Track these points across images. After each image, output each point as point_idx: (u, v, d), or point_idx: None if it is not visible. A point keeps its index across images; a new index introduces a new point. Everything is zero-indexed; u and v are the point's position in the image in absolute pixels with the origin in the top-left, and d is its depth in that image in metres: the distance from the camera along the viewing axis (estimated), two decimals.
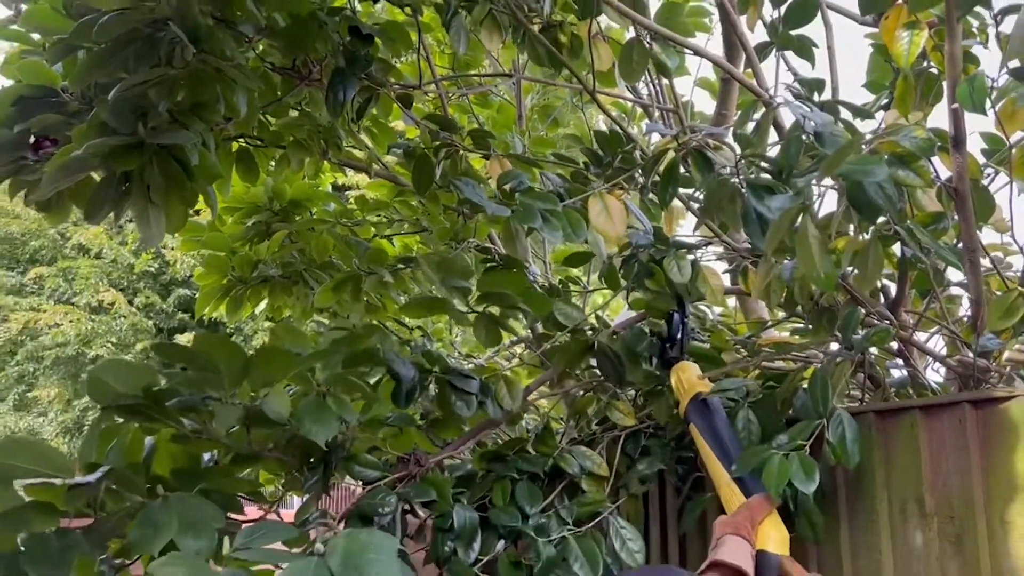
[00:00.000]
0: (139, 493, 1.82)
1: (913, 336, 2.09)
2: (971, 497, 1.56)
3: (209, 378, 1.80)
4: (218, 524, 1.78)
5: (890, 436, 1.75)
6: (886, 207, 1.50)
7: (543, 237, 1.85)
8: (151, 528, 1.70)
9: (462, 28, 2.34)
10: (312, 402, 1.90)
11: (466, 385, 2.15)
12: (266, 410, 1.91)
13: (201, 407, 1.85)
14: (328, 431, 1.84)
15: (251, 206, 3.61)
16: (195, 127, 2.18)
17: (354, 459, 2.06)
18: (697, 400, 2.00)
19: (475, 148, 2.61)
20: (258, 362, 1.82)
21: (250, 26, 2.25)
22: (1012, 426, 1.49)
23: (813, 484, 1.65)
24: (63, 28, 2.22)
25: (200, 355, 1.76)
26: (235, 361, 1.79)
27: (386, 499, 1.91)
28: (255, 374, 1.84)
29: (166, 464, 2.04)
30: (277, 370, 1.87)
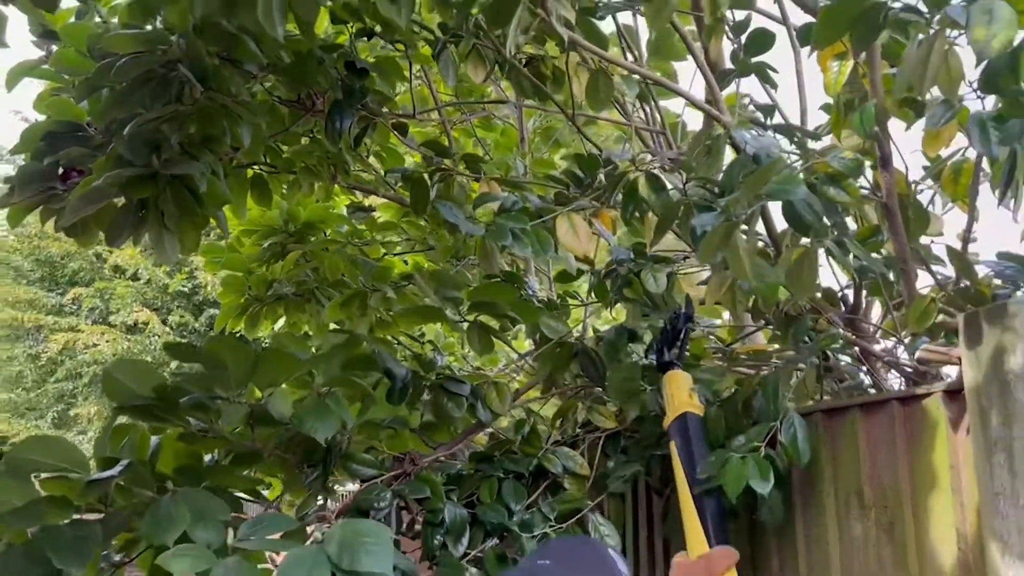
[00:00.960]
0: (149, 488, 2.00)
1: (874, 340, 2.22)
2: (900, 488, 1.69)
3: (218, 377, 1.98)
4: (225, 517, 1.96)
5: (836, 434, 1.89)
6: (814, 223, 1.65)
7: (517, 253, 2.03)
8: (165, 520, 1.88)
9: (450, 62, 2.52)
10: (313, 402, 2.08)
11: (458, 389, 2.32)
12: (270, 409, 2.09)
13: (209, 405, 2.03)
14: (328, 429, 2.01)
15: (267, 228, 3.82)
16: (204, 158, 2.39)
17: (352, 458, 2.23)
18: (681, 419, 2.03)
19: (468, 172, 2.79)
20: (264, 363, 2.00)
21: (255, 65, 2.45)
22: (931, 421, 1.63)
23: (768, 484, 1.78)
24: (88, 69, 2.44)
25: (210, 355, 1.94)
26: (243, 361, 1.96)
27: (381, 494, 2.07)
28: (261, 374, 2.01)
29: (170, 462, 2.23)
30: (282, 371, 2.04)
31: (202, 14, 2.26)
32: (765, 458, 1.83)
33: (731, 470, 1.77)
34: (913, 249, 1.90)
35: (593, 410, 2.41)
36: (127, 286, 12.51)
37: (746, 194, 1.52)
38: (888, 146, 1.70)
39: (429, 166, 2.79)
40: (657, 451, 2.37)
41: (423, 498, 2.17)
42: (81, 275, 13.48)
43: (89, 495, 1.93)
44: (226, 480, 2.23)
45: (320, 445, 2.19)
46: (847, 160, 1.69)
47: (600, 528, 2.17)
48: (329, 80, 2.58)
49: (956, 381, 1.57)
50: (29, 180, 2.61)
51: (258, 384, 2.02)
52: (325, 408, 2.02)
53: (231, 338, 1.99)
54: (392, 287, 3.24)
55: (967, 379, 1.50)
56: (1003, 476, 1.40)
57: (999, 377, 1.42)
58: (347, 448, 2.31)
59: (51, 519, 1.89)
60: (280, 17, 1.87)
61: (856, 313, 2.21)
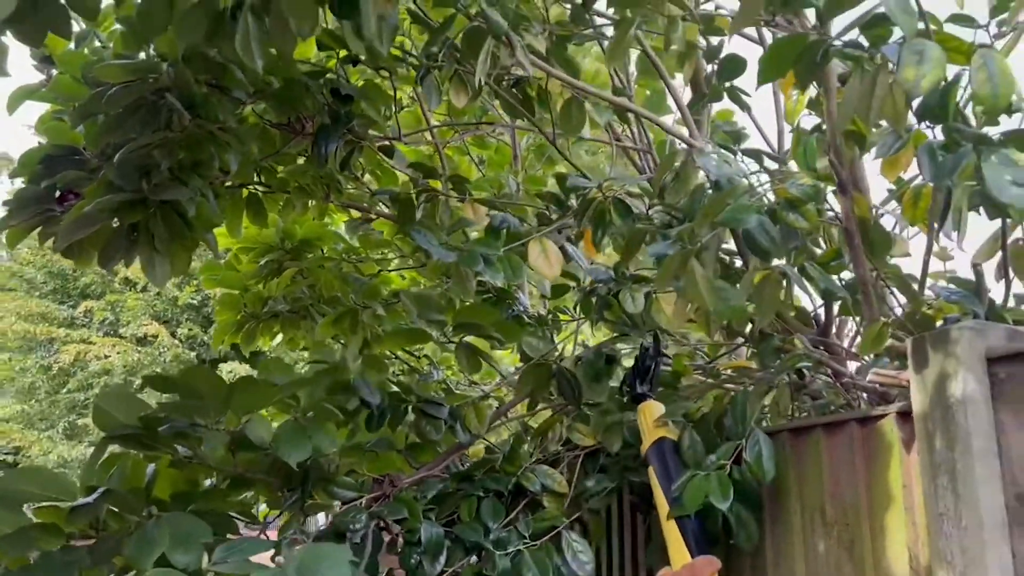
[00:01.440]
0: (135, 513, 2.06)
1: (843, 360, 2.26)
2: (859, 506, 1.73)
3: (195, 407, 2.06)
4: (206, 540, 2.02)
5: (801, 453, 1.93)
6: (770, 248, 1.70)
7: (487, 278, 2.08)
8: (146, 544, 1.94)
9: (432, 87, 2.59)
10: (289, 427, 2.14)
11: (436, 411, 2.38)
12: (249, 435, 2.16)
13: (190, 433, 2.10)
14: (302, 454, 2.07)
15: (264, 246, 3.89)
16: (194, 183, 2.46)
17: (332, 481, 2.29)
18: (656, 445, 2.11)
19: (454, 192, 2.85)
20: (239, 392, 2.07)
21: (243, 91, 2.52)
22: (885, 442, 1.67)
23: (727, 501, 1.83)
24: (83, 95, 2.52)
25: (185, 386, 2.02)
26: (217, 391, 2.04)
27: (357, 516, 2.13)
28: (237, 402, 2.08)
29: (167, 488, 2.29)
30: (257, 399, 2.11)
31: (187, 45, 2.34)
32: (729, 476, 1.88)
33: (692, 487, 1.82)
34: (884, 271, 1.94)
35: (573, 428, 2.45)
36: (137, 298, 12.64)
37: (701, 222, 1.57)
38: (845, 172, 1.74)
39: (416, 186, 2.85)
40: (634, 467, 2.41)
41: (401, 519, 2.22)
42: (93, 288, 13.62)
43: (75, 522, 1.99)
44: (217, 504, 2.29)
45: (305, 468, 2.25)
46: (805, 187, 1.74)
47: (574, 545, 2.21)
48: (316, 105, 2.65)
49: (908, 404, 1.61)
50: (27, 203, 2.69)
51: (236, 411, 2.08)
52: (300, 434, 2.08)
53: (204, 369, 2.06)
54: (383, 304, 3.30)
55: (915, 402, 1.54)
56: (947, 497, 1.44)
57: (942, 402, 1.46)
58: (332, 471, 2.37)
59: (43, 545, 1.96)
60: (258, 49, 1.93)
61: (826, 333, 2.25)
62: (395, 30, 2.35)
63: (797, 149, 1.71)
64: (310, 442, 2.10)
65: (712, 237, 1.65)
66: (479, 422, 2.42)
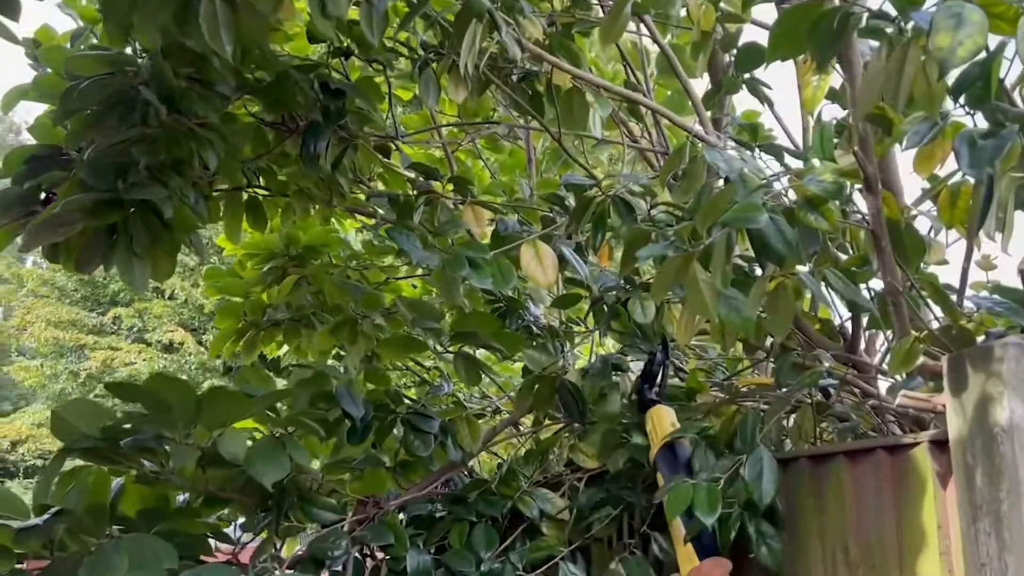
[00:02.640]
0: (92, 535, 1.91)
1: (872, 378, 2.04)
2: (886, 546, 1.52)
3: (162, 418, 1.89)
4: (170, 564, 1.86)
5: (822, 482, 1.72)
6: (786, 253, 1.50)
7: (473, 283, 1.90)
8: (101, 568, 1.79)
9: (431, 80, 2.42)
10: (265, 443, 1.97)
11: (425, 425, 2.20)
12: (221, 451, 1.99)
13: (156, 447, 1.94)
14: (277, 472, 1.90)
15: (268, 252, 3.75)
16: (173, 182, 2.31)
17: (312, 501, 2.12)
18: (666, 448, 1.98)
19: (456, 194, 2.67)
20: (209, 403, 1.90)
21: (226, 85, 2.37)
22: (918, 474, 1.45)
23: (713, 515, 1.63)
24: None
25: (152, 395, 1.85)
26: (187, 401, 1.87)
27: (337, 541, 1.95)
28: (208, 415, 1.92)
29: (135, 505, 2.13)
30: (229, 411, 1.94)
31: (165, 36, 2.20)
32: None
33: (675, 493, 1.62)
34: (917, 279, 1.72)
35: (575, 448, 2.26)
36: (164, 306, 12.67)
37: (702, 222, 1.38)
38: (872, 167, 1.54)
39: (415, 188, 2.68)
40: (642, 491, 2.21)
41: (387, 545, 2.04)
42: (121, 295, 13.70)
43: (25, 543, 1.84)
44: (186, 524, 2.13)
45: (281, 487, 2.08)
46: (826, 183, 1.53)
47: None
48: (308, 101, 2.50)
49: (944, 431, 1.40)
50: (9, 204, 2.56)
51: (207, 425, 1.92)
52: (276, 450, 1.91)
53: (173, 377, 1.89)
54: (383, 314, 3.13)
55: (951, 430, 1.33)
56: (989, 545, 1.23)
57: (984, 430, 1.25)
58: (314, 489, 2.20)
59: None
60: (227, 35, 1.78)
61: (854, 349, 2.04)
62: (385, 17, 2.19)
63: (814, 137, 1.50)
64: (288, 459, 1.93)
65: (720, 238, 1.45)
66: (472, 439, 2.23)
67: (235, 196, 3.24)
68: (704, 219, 1.37)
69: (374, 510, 2.07)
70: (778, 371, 1.85)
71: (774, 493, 1.61)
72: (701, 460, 1.90)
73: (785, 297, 1.59)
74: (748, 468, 1.64)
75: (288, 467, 1.89)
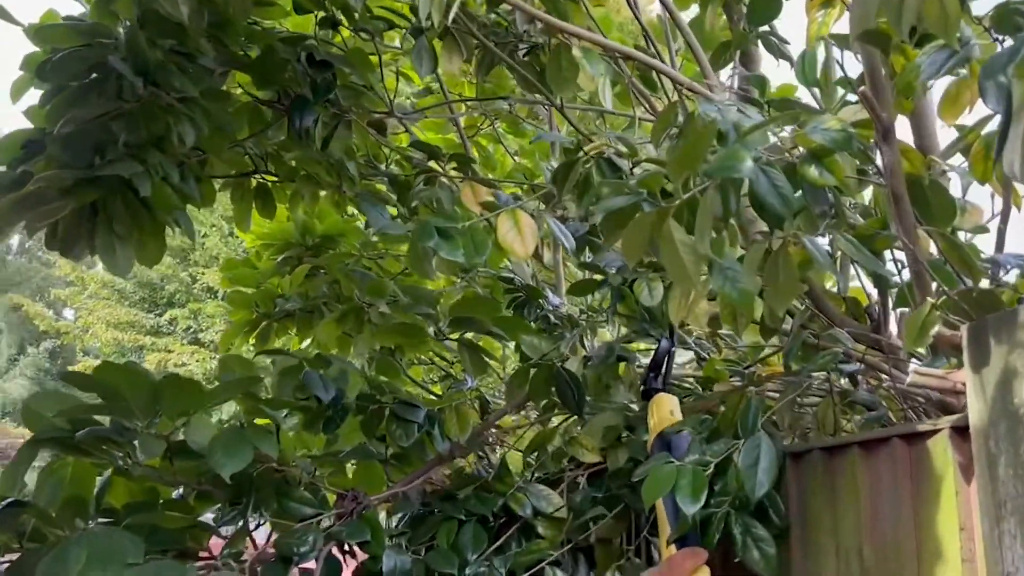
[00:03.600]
0: (56, 526, 1.81)
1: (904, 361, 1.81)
2: (902, 550, 1.30)
3: (119, 408, 1.78)
4: (135, 558, 1.74)
5: (835, 477, 1.51)
6: (783, 211, 1.30)
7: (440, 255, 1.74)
8: (60, 563, 1.68)
9: (424, 49, 2.26)
10: (227, 433, 1.84)
11: (409, 414, 2.05)
12: (188, 441, 1.87)
13: (117, 438, 1.83)
14: (238, 463, 1.77)
15: (284, 242, 3.65)
16: (153, 159, 2.20)
17: (288, 495, 1.98)
18: (662, 439, 1.83)
19: (458, 172, 2.52)
20: (167, 392, 1.79)
21: (210, 59, 2.26)
22: (936, 467, 1.24)
23: (696, 504, 1.44)
24: None
25: (103, 384, 1.75)
26: (140, 390, 1.76)
27: (303, 537, 1.81)
28: (167, 404, 1.80)
29: (123, 498, 2.04)
30: (189, 400, 1.83)
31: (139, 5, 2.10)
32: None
33: (652, 475, 1.43)
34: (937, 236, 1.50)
35: (573, 442, 2.08)
36: (217, 306, 12.80)
37: (675, 171, 1.19)
38: (882, 112, 1.32)
39: (413, 167, 2.54)
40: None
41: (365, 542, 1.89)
42: (178, 296, 13.93)
43: None
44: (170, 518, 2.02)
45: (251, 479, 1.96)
46: (832, 132, 1.33)
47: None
48: (296, 75, 2.37)
49: (966, 414, 1.18)
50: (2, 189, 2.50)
51: (167, 414, 1.80)
52: (238, 440, 1.78)
53: (123, 366, 1.78)
54: (389, 302, 3.00)
55: (972, 413, 1.12)
56: (1015, 551, 1.01)
57: (1009, 411, 1.03)
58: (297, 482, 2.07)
59: None
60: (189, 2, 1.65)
61: (882, 329, 1.81)
62: None
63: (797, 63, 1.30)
64: (250, 449, 1.80)
65: (706, 191, 1.26)
66: (460, 429, 2.07)
67: (243, 182, 3.15)
68: (677, 167, 1.18)
69: (351, 504, 1.91)
70: (787, 354, 1.64)
71: (768, 486, 1.41)
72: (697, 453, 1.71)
73: (787, 264, 1.39)
74: (743, 454, 1.45)
75: (249, 457, 1.76)
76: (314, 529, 1.84)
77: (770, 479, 1.40)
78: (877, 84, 1.33)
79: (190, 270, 13.55)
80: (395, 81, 2.97)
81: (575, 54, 1.87)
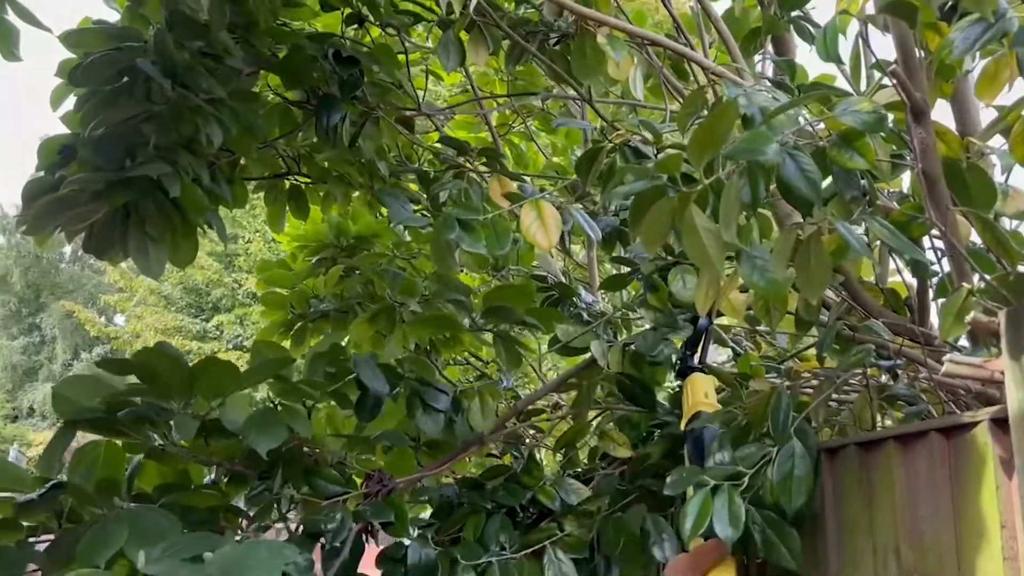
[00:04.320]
0: (94, 506, 1.83)
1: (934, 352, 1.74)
2: (941, 549, 1.25)
3: (156, 389, 1.80)
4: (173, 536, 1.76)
5: (872, 473, 1.46)
6: (812, 195, 1.26)
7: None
8: (101, 540, 1.71)
9: (451, 43, 2.25)
10: (262, 412, 1.86)
11: (434, 400, 2.03)
12: (224, 420, 1.89)
13: (155, 418, 1.84)
14: (272, 441, 1.79)
15: (318, 244, 3.67)
16: (183, 160, 2.22)
17: (317, 473, 1.98)
18: (692, 433, 1.79)
19: (487, 167, 2.50)
20: (202, 373, 1.81)
21: (238, 60, 2.27)
22: (977, 460, 1.18)
23: (736, 531, 1.40)
24: None
25: (141, 367, 1.77)
26: (176, 373, 1.79)
27: (331, 514, 1.81)
28: (203, 385, 1.82)
29: (153, 480, 2.06)
30: (225, 381, 1.84)
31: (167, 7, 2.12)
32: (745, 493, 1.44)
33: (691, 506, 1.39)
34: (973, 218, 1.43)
35: (605, 437, 2.04)
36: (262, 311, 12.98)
37: (697, 154, 1.15)
38: (914, 91, 1.27)
39: (442, 162, 2.53)
40: None
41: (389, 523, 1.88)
42: (223, 302, 14.12)
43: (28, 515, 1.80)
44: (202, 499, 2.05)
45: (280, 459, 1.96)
46: (863, 114, 1.28)
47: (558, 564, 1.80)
48: (324, 74, 2.37)
49: (1004, 406, 1.12)
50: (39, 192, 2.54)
51: (204, 394, 1.83)
52: (273, 419, 1.80)
53: (161, 351, 1.81)
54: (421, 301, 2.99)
55: (1010, 403, 1.06)
56: None
57: None
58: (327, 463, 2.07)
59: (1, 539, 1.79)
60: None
61: (923, 321, 1.75)
62: None
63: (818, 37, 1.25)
64: (285, 428, 1.81)
65: (732, 175, 1.22)
66: (485, 416, 2.05)
67: (276, 184, 3.18)
68: (698, 148, 1.14)
69: (377, 486, 1.90)
70: (820, 346, 1.58)
71: (804, 497, 1.36)
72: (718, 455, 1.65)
73: (819, 252, 1.34)
74: (776, 466, 1.40)
75: (284, 435, 1.78)
76: (341, 507, 1.83)
77: (806, 490, 1.36)
78: (910, 63, 1.28)
79: (234, 275, 13.74)
80: (424, 80, 2.97)
81: (600, 41, 1.84)
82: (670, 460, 1.94)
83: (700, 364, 1.94)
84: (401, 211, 1.80)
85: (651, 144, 1.62)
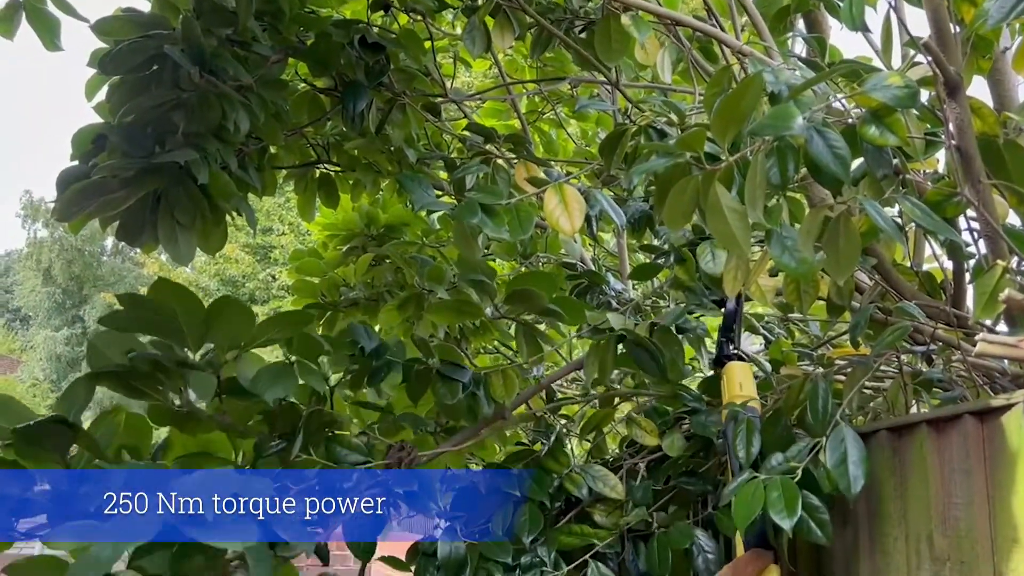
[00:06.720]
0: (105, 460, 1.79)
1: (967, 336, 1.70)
2: (976, 537, 1.21)
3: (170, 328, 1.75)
4: None
5: (904, 459, 1.42)
6: (841, 173, 1.22)
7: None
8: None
9: (476, 27, 2.23)
10: (274, 364, 1.84)
11: (454, 374, 2.03)
12: (239, 376, 1.86)
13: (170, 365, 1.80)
14: (280, 390, 1.77)
15: (348, 232, 3.69)
16: (211, 147, 2.23)
17: (338, 440, 1.97)
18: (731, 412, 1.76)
19: (513, 153, 2.48)
20: (218, 315, 1.75)
21: (265, 47, 2.28)
22: (1012, 445, 1.14)
23: (792, 520, 1.37)
24: None
25: (157, 304, 1.72)
26: (194, 312, 1.72)
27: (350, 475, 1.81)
28: (219, 331, 1.77)
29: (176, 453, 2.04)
30: (241, 328, 1.79)
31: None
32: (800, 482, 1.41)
33: (743, 496, 1.36)
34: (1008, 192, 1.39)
35: (632, 423, 2.02)
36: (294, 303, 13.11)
37: (721, 130, 1.13)
38: (948, 65, 1.23)
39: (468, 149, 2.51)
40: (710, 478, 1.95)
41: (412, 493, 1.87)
42: (258, 294, 14.29)
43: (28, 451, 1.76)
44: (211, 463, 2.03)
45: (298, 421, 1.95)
46: (894, 89, 1.24)
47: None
48: (350, 61, 2.37)
49: None
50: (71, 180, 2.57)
51: (220, 343, 1.79)
52: (284, 371, 1.78)
53: (178, 287, 1.75)
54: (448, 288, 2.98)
55: None
56: None
57: None
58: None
59: None
60: None
61: (959, 303, 1.70)
62: None
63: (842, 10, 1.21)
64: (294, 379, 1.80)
65: (758, 152, 1.19)
66: (506, 392, 2.04)
67: (306, 172, 3.19)
68: (721, 123, 1.12)
69: (398, 454, 1.89)
70: (852, 329, 1.55)
71: (864, 479, 1.33)
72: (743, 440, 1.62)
73: (848, 231, 1.30)
74: (829, 452, 1.37)
75: (294, 385, 1.78)
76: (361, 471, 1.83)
77: (864, 471, 1.33)
78: (944, 37, 1.24)
79: (269, 269, 13.90)
80: (452, 67, 2.96)
81: (624, 21, 1.81)
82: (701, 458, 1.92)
83: (736, 351, 1.92)
84: (423, 195, 1.78)
85: (676, 125, 1.60)
